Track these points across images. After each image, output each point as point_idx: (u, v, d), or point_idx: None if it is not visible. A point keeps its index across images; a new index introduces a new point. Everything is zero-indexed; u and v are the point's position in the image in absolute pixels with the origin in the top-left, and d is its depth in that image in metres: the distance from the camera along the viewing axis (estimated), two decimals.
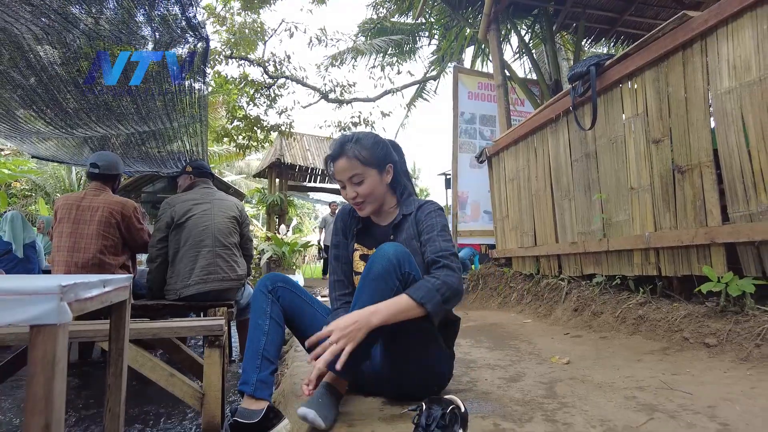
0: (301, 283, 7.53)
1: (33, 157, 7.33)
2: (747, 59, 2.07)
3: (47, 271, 4.97)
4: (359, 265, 1.67)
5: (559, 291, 3.37)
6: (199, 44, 3.48)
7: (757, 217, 2.02)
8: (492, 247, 5.06)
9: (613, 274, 2.93)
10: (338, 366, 1.23)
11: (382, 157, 1.58)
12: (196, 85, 5.18)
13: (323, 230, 10.09)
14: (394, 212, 1.66)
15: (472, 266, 6.94)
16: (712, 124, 2.29)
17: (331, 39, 10.36)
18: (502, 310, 3.92)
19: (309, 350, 1.65)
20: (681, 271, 2.43)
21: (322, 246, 10.05)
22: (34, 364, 0.74)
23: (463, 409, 1.15)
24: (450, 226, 3.15)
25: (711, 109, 2.29)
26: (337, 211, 1.79)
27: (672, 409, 1.36)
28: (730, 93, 2.15)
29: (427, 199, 1.70)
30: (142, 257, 3.77)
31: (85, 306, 0.90)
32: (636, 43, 2.72)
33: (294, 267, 10.25)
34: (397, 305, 1.31)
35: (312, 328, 1.58)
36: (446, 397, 1.19)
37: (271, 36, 9.07)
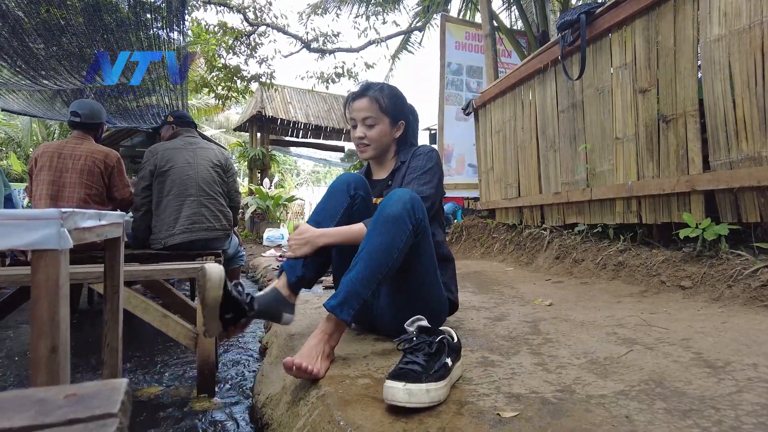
0: (286, 237, 7.52)
1: (2, 110, 7.01)
2: (738, 5, 2.06)
3: None
4: None
5: (541, 240, 3.45)
6: None
7: (736, 164, 2.07)
8: (476, 200, 5.11)
9: (595, 222, 3.01)
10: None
11: (399, 110, 1.69)
12: (174, 35, 4.99)
13: None
14: (392, 164, 1.73)
15: (455, 220, 7.03)
16: (699, 74, 2.31)
17: None
18: (485, 259, 4.01)
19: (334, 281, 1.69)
20: (661, 219, 2.50)
21: None
22: (38, 289, 0.75)
23: (455, 340, 1.16)
24: None
25: (699, 58, 2.30)
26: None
27: (650, 342, 1.44)
28: (719, 41, 2.16)
29: (423, 144, 1.77)
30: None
31: (84, 236, 0.90)
32: None
33: (279, 221, 10.22)
34: (349, 232, 1.45)
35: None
36: (440, 328, 1.19)
37: None
